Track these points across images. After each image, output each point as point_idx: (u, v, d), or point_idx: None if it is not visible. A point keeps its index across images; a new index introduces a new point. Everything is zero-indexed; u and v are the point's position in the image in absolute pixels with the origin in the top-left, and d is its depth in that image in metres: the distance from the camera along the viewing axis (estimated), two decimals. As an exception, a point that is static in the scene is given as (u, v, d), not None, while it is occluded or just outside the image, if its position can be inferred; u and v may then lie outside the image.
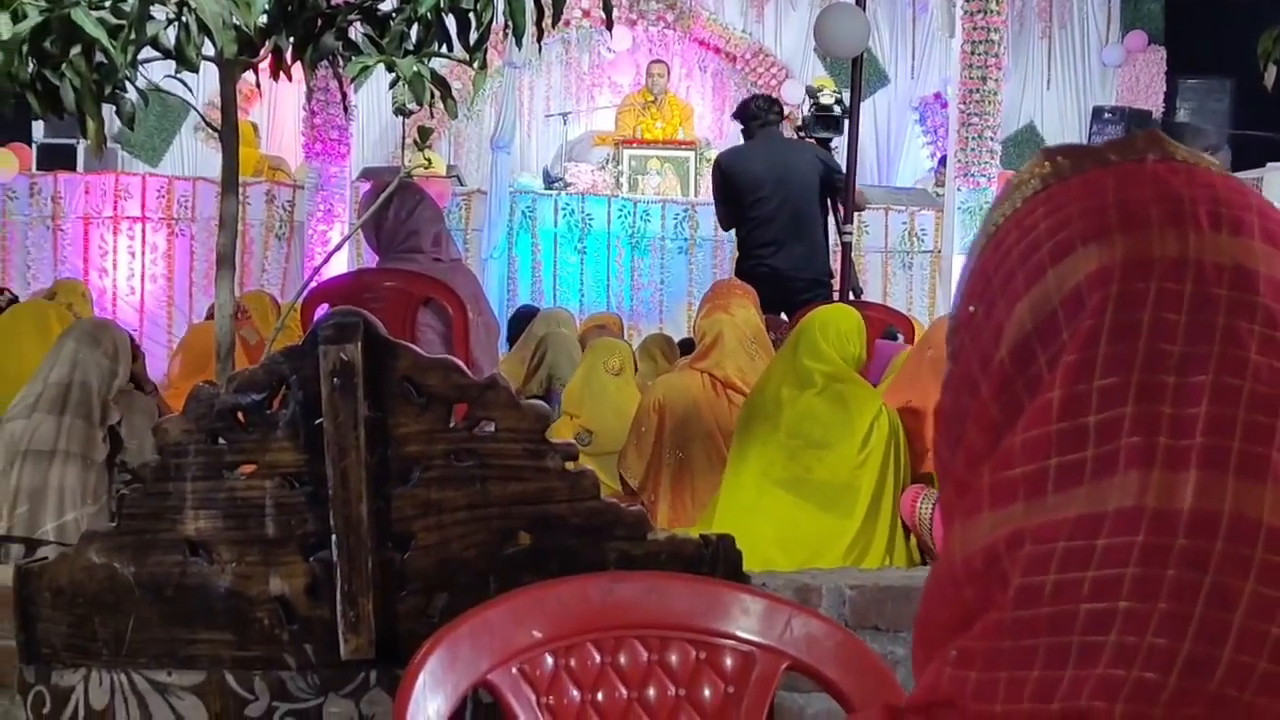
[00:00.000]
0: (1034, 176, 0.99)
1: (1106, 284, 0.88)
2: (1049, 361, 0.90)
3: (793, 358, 4.99)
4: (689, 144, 13.55)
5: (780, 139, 8.55)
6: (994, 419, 0.93)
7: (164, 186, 12.06)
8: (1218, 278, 0.88)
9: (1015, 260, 0.94)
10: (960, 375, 0.97)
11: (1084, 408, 0.87)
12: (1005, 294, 0.94)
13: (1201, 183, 0.93)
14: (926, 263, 12.69)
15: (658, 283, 12.41)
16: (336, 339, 2.26)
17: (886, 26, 15.98)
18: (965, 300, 0.99)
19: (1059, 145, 1.01)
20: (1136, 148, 0.96)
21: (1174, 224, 0.90)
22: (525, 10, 3.93)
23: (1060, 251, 0.91)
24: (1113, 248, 0.89)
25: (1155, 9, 16.36)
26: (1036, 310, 0.91)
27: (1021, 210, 0.97)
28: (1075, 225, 0.92)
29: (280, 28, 4.03)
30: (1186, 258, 0.88)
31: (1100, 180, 0.94)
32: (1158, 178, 0.93)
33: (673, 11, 15.65)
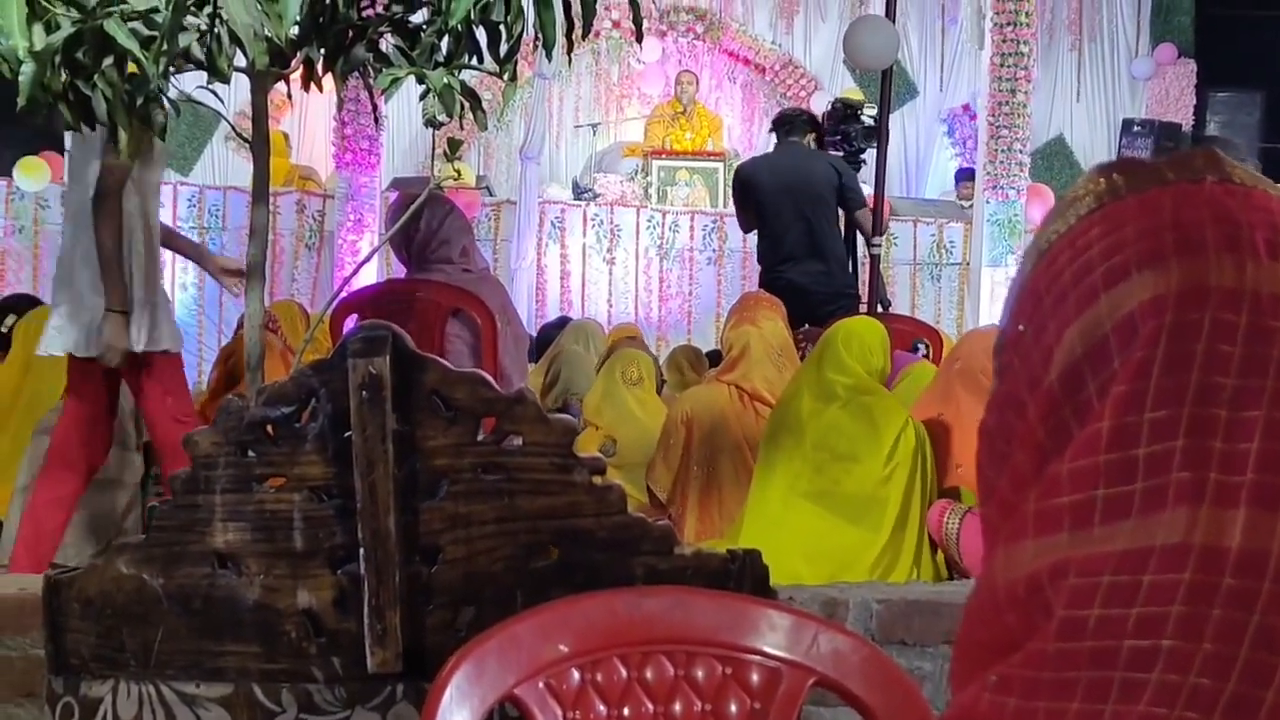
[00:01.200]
0: (1089, 194, 0.97)
1: (1160, 313, 0.87)
2: (1099, 389, 0.88)
3: (817, 371, 4.99)
4: (718, 155, 13.55)
5: (800, 151, 8.51)
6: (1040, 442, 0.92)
7: (195, 195, 12.11)
8: (1274, 309, 0.86)
9: (1068, 281, 0.92)
10: (1006, 394, 0.96)
11: (1134, 440, 0.85)
12: (1056, 316, 0.92)
13: (1259, 207, 0.91)
14: (955, 275, 12.67)
15: (686, 294, 12.42)
16: (365, 352, 2.26)
17: (915, 38, 15.96)
18: (1014, 318, 0.97)
19: (1115, 161, 0.99)
20: (1194, 167, 0.95)
21: (1231, 251, 0.88)
22: (556, 23, 3.92)
23: (1114, 276, 0.90)
24: (1168, 275, 0.88)
25: (1185, 22, 16.31)
26: (1088, 335, 0.89)
27: (1076, 229, 0.95)
28: (1130, 249, 0.90)
29: (311, 39, 4.03)
30: (1243, 288, 0.87)
31: (1157, 201, 0.93)
32: (1214, 200, 0.91)
33: (702, 23, 15.66)
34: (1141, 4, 16.41)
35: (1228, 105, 15.96)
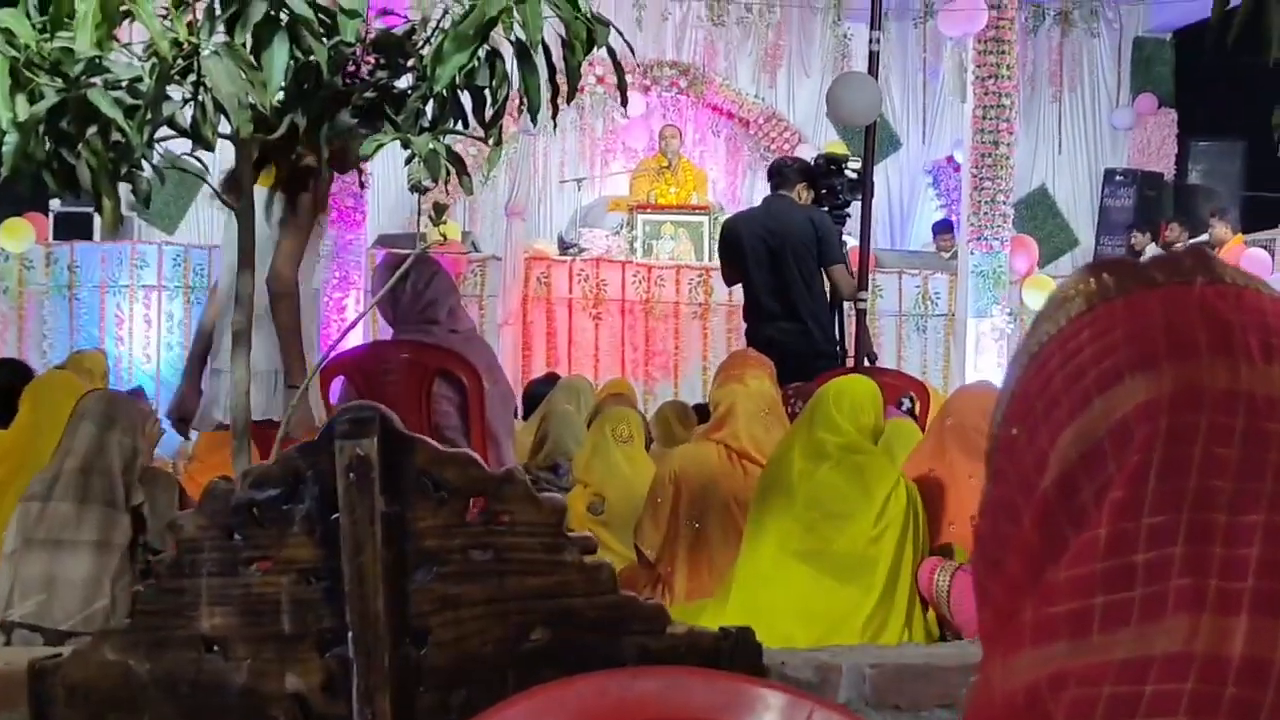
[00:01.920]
0: (1078, 294, 0.96)
1: (1155, 417, 0.86)
2: (1095, 495, 0.87)
3: (808, 430, 4.98)
4: (703, 209, 13.58)
5: (783, 205, 8.52)
6: (1036, 549, 0.90)
7: (180, 255, 12.11)
8: (1270, 412, 0.85)
9: (1059, 386, 0.91)
10: (1000, 499, 0.95)
11: (1132, 546, 0.84)
12: (1049, 420, 0.91)
13: (1251, 309, 0.90)
14: (941, 326, 12.69)
15: (672, 348, 12.42)
16: (352, 434, 2.25)
17: (898, 90, 16.05)
18: (1006, 422, 0.96)
19: (1104, 260, 0.99)
20: (1184, 268, 0.94)
21: (1224, 354, 0.87)
22: (540, 87, 3.93)
23: (1107, 380, 0.89)
24: (1161, 379, 0.87)
25: (1165, 72, 16.42)
26: (1082, 441, 0.88)
27: (1066, 331, 0.94)
28: (1122, 352, 0.89)
29: (296, 106, 4.04)
30: (1238, 390, 0.86)
31: (1147, 303, 0.92)
32: (1206, 303, 0.90)
33: (686, 77, 15.73)
34: (1121, 55, 16.53)
35: (1209, 154, 16.05)
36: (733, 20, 15.97)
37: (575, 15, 3.89)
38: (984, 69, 12.42)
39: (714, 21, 15.91)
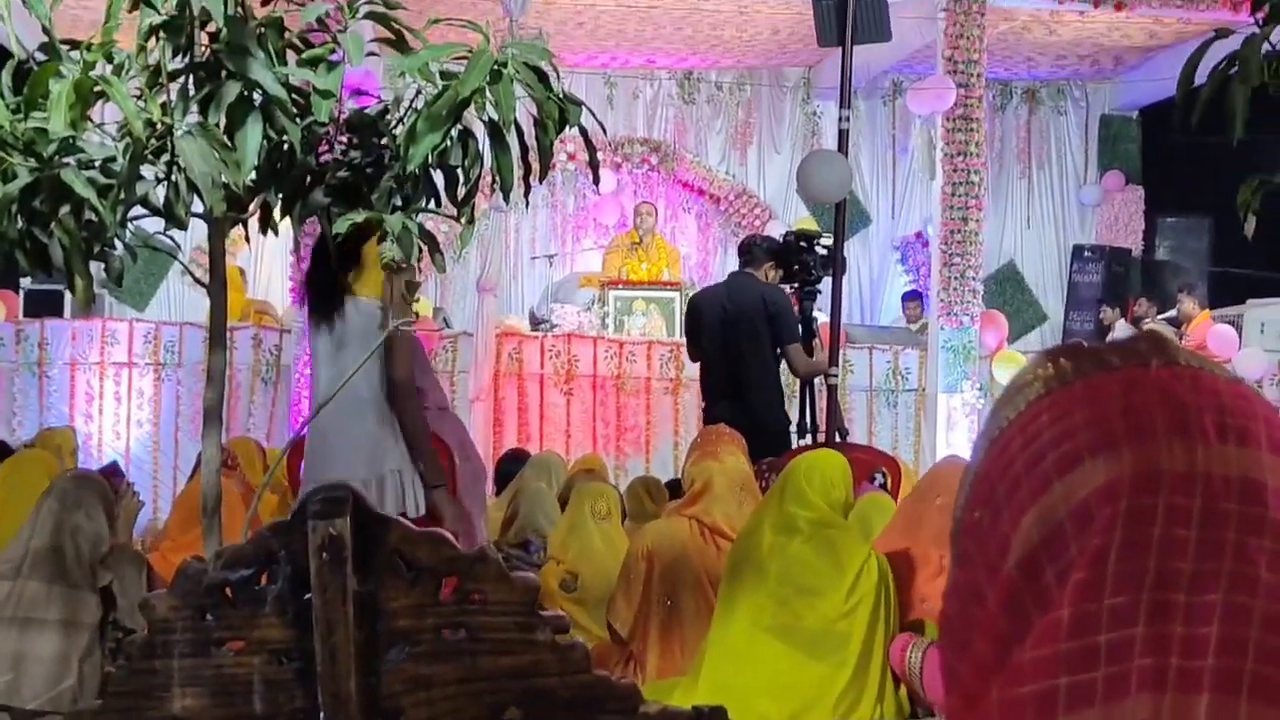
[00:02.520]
0: (1036, 379, 0.98)
1: (1115, 499, 0.87)
2: (1058, 576, 0.88)
3: (779, 505, 4.98)
4: (674, 285, 13.62)
5: (740, 282, 8.60)
6: (1002, 631, 0.92)
7: (151, 332, 12.08)
8: (1226, 491, 0.87)
9: (1020, 469, 0.93)
10: (965, 583, 0.96)
11: (1095, 627, 0.86)
12: (1011, 503, 0.93)
13: (1207, 390, 0.92)
14: (911, 401, 12.72)
15: (644, 423, 12.41)
16: (325, 514, 2.25)
17: (867, 166, 16.16)
18: (969, 505, 0.98)
19: (1061, 346, 1.01)
20: (1139, 352, 0.96)
21: (1181, 435, 0.89)
22: (513, 166, 3.96)
23: (1066, 463, 0.90)
24: (1120, 461, 0.88)
25: (1132, 149, 16.57)
26: (1044, 523, 0.90)
27: (1025, 415, 0.96)
28: (1081, 436, 0.91)
29: (269, 184, 4.05)
30: (1195, 471, 0.87)
31: (1104, 387, 0.93)
32: (1162, 385, 0.92)
33: (657, 154, 15.81)
34: (1089, 132, 16.67)
35: (1176, 230, 16.18)
36: (703, 98, 16.08)
37: (548, 95, 3.93)
38: (953, 146, 12.53)
39: (685, 99, 16.02)
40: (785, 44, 14.81)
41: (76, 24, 10.68)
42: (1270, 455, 0.89)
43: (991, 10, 12.72)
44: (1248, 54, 4.09)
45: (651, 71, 15.89)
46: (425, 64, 3.93)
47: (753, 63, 15.80)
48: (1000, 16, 13.16)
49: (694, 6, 13.28)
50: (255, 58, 3.76)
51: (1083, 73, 16.17)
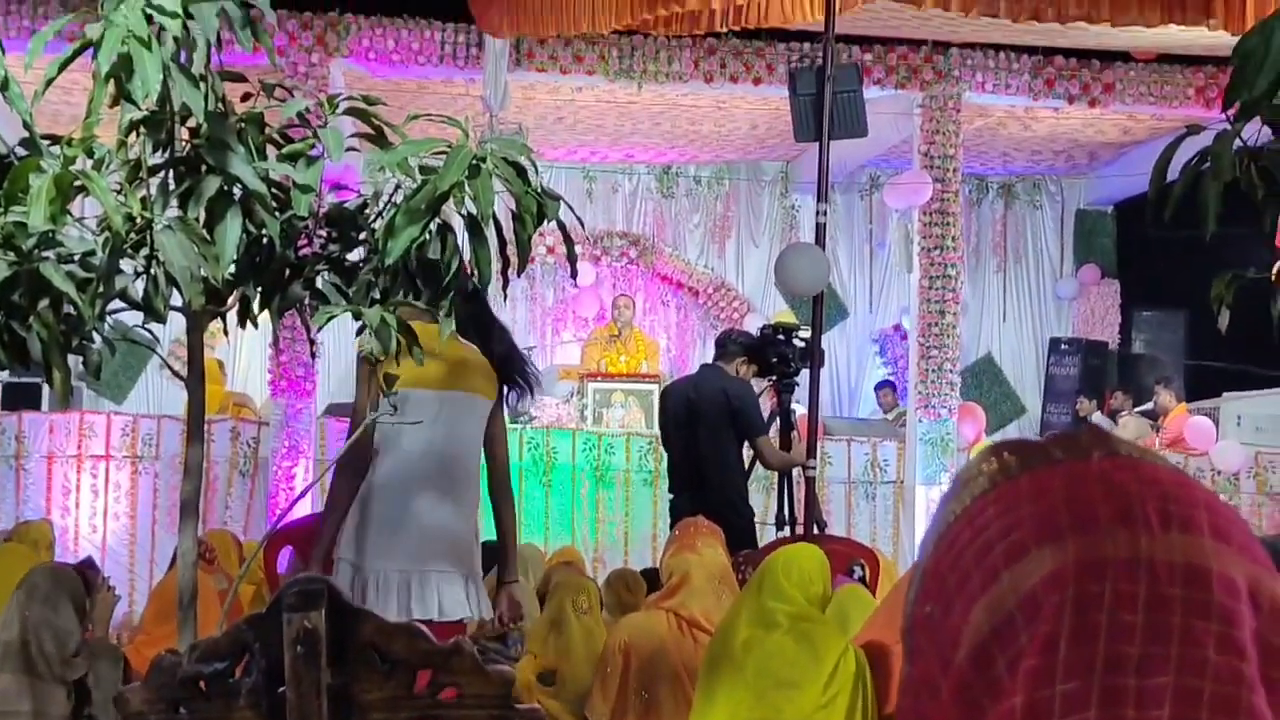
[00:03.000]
0: (982, 474, 0.99)
1: (1062, 587, 0.89)
2: (1009, 665, 0.90)
3: (756, 597, 4.97)
4: (653, 377, 13.64)
5: (709, 374, 8.66)
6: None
7: (129, 425, 12.05)
8: (1170, 577, 0.88)
9: (969, 562, 0.94)
10: (919, 677, 0.97)
11: (1047, 714, 0.87)
12: (961, 596, 0.94)
13: (1149, 479, 0.94)
14: (890, 493, 12.72)
15: (622, 516, 12.39)
16: (300, 606, 2.25)
17: (845, 260, 16.24)
18: (920, 600, 0.99)
19: (1005, 441, 1.03)
20: (1082, 445, 0.98)
21: (1125, 524, 0.91)
22: (491, 260, 3.99)
23: (1014, 554, 0.92)
24: (1065, 550, 0.90)
25: (1107, 244, 16.69)
26: (993, 613, 0.91)
27: (972, 509, 0.97)
28: (1027, 527, 0.93)
29: (248, 278, 4.08)
30: (1139, 557, 0.89)
31: (1048, 479, 0.95)
32: (1105, 476, 0.94)
33: (636, 248, 15.89)
34: (1064, 227, 16.79)
35: (1152, 324, 16.27)
36: (682, 192, 16.17)
37: (526, 190, 3.96)
38: (930, 240, 12.61)
39: (663, 193, 16.11)
40: (763, 139, 14.92)
41: (57, 119, 10.75)
42: (1213, 541, 0.91)
43: (967, 106, 12.84)
44: (1219, 150, 4.14)
45: (630, 165, 15.99)
46: (405, 159, 3.96)
47: (731, 157, 15.90)
48: (976, 112, 13.28)
49: (672, 102, 13.39)
50: (235, 152, 3.79)
51: (1058, 168, 16.31)
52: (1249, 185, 4.24)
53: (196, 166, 3.86)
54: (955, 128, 12.70)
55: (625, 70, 12.25)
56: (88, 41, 3.69)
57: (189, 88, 3.68)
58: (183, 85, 3.68)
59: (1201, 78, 12.82)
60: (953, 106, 12.67)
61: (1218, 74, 12.42)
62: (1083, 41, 11.80)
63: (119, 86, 3.67)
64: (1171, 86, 12.86)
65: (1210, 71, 12.68)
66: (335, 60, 12.07)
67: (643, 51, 12.23)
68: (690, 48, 12.27)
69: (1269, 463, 12.73)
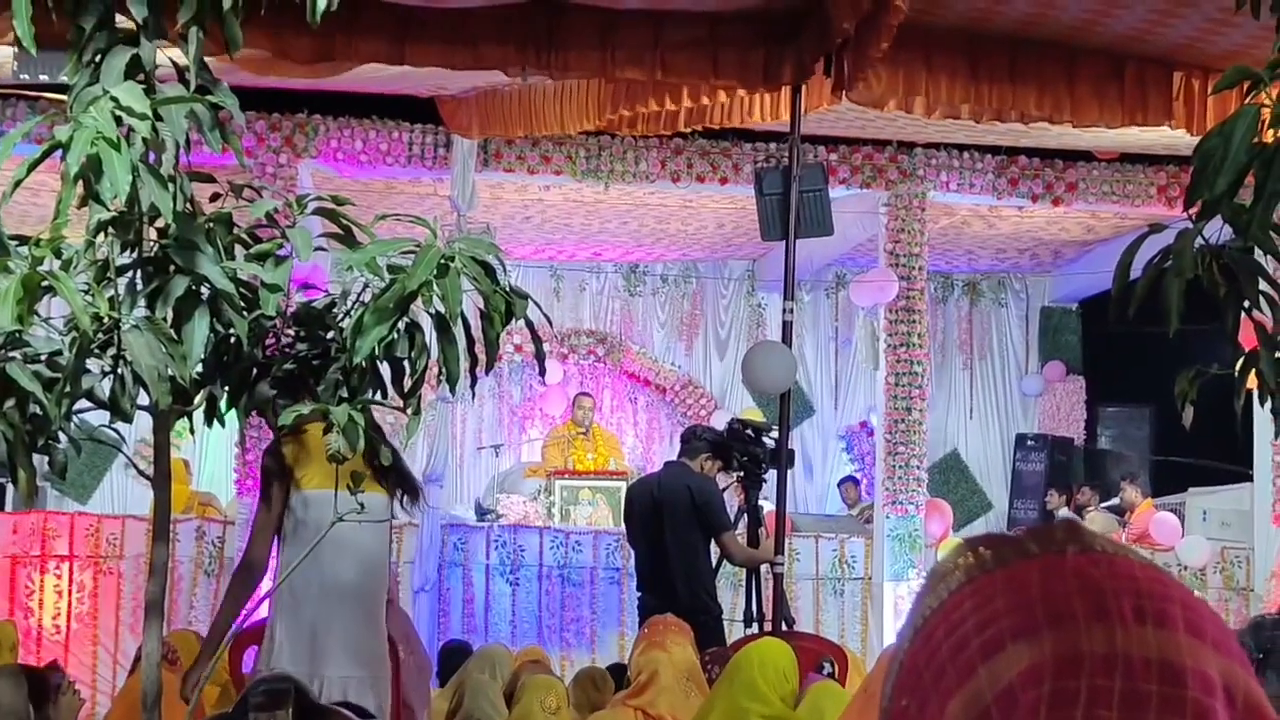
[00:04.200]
0: (957, 569, 0.99)
1: (1039, 683, 0.89)
2: None
3: (729, 698, 4.95)
4: (620, 474, 13.63)
5: (674, 471, 8.68)
6: None
7: (92, 525, 11.97)
8: (1146, 673, 0.89)
9: (945, 656, 0.94)
10: None
11: None
12: (937, 690, 0.94)
13: (1123, 575, 0.94)
14: (858, 590, 12.70)
15: (590, 613, 12.34)
16: (267, 706, 2.24)
17: (811, 357, 16.28)
18: (896, 695, 0.99)
19: (980, 536, 1.03)
20: (1056, 539, 0.98)
21: (1100, 619, 0.91)
22: (459, 358, 4.00)
23: (990, 649, 0.92)
24: (1041, 645, 0.90)
25: (1072, 340, 16.78)
26: (970, 708, 0.91)
27: (948, 604, 0.97)
28: (1003, 622, 0.93)
29: (215, 377, 4.08)
30: (1114, 653, 0.89)
31: (1024, 574, 0.95)
32: (1080, 572, 0.94)
33: (603, 345, 15.93)
34: (1029, 324, 16.90)
35: (1117, 419, 16.35)
36: (649, 290, 16.23)
37: (494, 289, 3.98)
38: (895, 337, 12.67)
39: (630, 292, 16.17)
40: (730, 237, 15.01)
41: (25, 219, 10.76)
42: (1187, 637, 0.91)
43: (932, 205, 12.95)
44: (1181, 248, 4.18)
45: (598, 264, 16.06)
46: (373, 258, 3.98)
47: (698, 255, 15.99)
48: (940, 211, 13.39)
49: (639, 201, 13.48)
50: (204, 252, 3.80)
51: (1022, 265, 16.43)
52: (1211, 283, 4.28)
53: (165, 266, 3.87)
54: (920, 226, 12.79)
55: (592, 170, 12.33)
56: (56, 143, 3.70)
57: (158, 188, 3.69)
58: (151, 186, 3.69)
59: (1164, 177, 12.96)
60: (918, 205, 12.77)
61: (1179, 173, 12.56)
62: (1045, 141, 11.93)
63: (87, 187, 3.68)
64: (1134, 185, 13.00)
65: (1172, 170, 12.82)
66: (303, 161, 12.12)
67: (610, 151, 12.31)
68: (657, 148, 12.36)
69: (1235, 557, 12.76)
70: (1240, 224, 4.21)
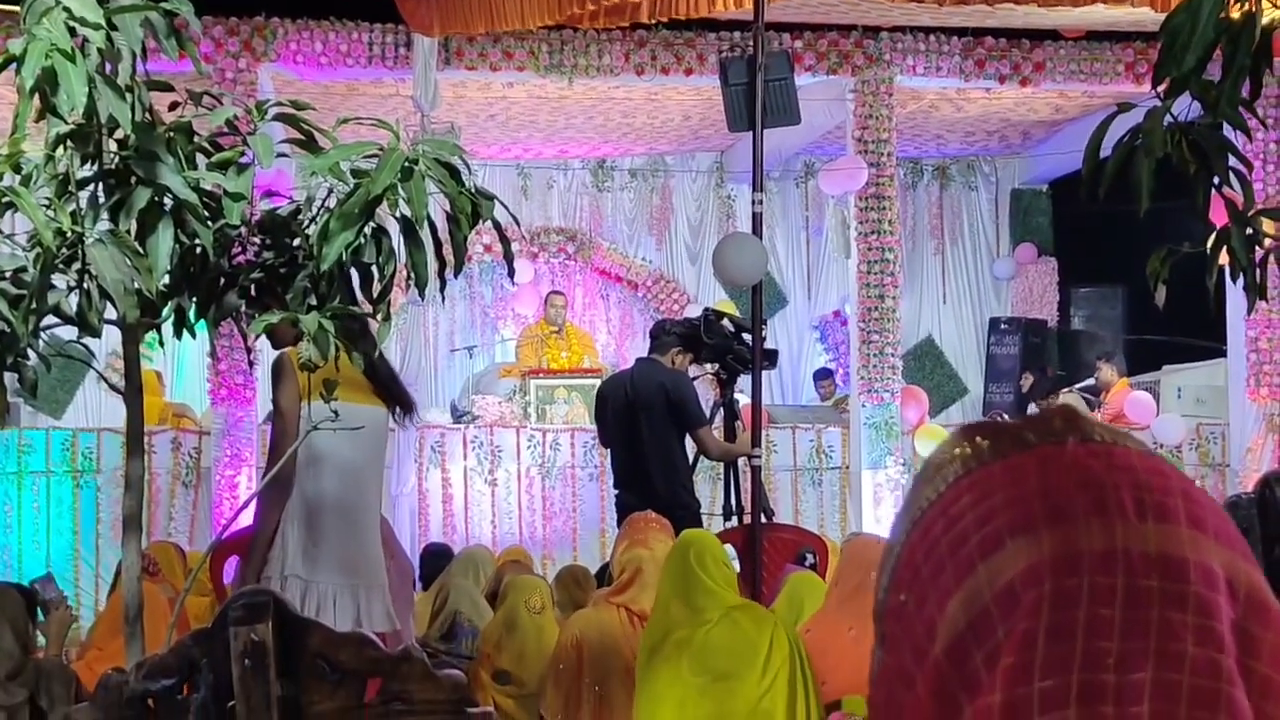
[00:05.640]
0: (955, 459, 0.97)
1: (1038, 583, 0.87)
2: (986, 660, 0.88)
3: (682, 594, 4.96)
4: (595, 372, 13.61)
5: (645, 368, 8.65)
6: (932, 716, 0.91)
7: (68, 440, 11.95)
8: (1146, 569, 0.87)
9: (944, 552, 0.92)
10: (893, 667, 0.95)
11: (1026, 711, 0.85)
12: (935, 586, 0.92)
13: (1122, 467, 0.92)
14: (836, 479, 12.76)
15: (570, 511, 12.38)
16: (246, 620, 2.22)
17: (782, 248, 16.24)
18: (894, 588, 0.97)
19: (977, 423, 1.00)
20: (1054, 429, 0.96)
21: (1099, 514, 0.89)
22: (427, 263, 3.96)
23: (989, 546, 0.90)
24: (1040, 543, 0.88)
25: (1043, 222, 16.77)
26: (970, 607, 0.89)
27: (946, 496, 0.95)
28: (1002, 517, 0.91)
29: (182, 289, 4.03)
30: (1114, 549, 0.87)
31: (1022, 466, 0.93)
32: (1078, 464, 0.92)
33: (573, 243, 15.87)
34: (999, 207, 16.87)
35: (1090, 300, 16.37)
36: (617, 186, 16.16)
37: (460, 191, 3.94)
38: (866, 225, 12.64)
39: (598, 188, 16.09)
40: (697, 129, 14.92)
41: (-16, 133, 10.63)
42: (1189, 530, 0.89)
43: (899, 90, 12.87)
44: (1150, 127, 4.16)
45: (565, 161, 15.97)
46: (336, 163, 3.93)
47: (665, 149, 15.91)
48: (908, 96, 13.32)
49: (604, 95, 13.37)
50: (165, 163, 3.75)
51: (992, 148, 16.37)
52: (1181, 160, 4.27)
53: (126, 178, 3.81)
54: (888, 112, 12.73)
55: (556, 65, 12.21)
56: (10, 56, 3.64)
57: (115, 99, 3.64)
58: (109, 97, 3.63)
59: (1131, 53, 12.88)
60: (885, 91, 12.70)
61: (1147, 49, 12.49)
62: (1011, 21, 11.84)
63: (44, 100, 3.63)
64: (1101, 64, 12.93)
65: (1140, 47, 12.74)
66: (263, 65, 11.98)
67: (573, 46, 12.19)
68: (620, 40, 12.24)
69: (1210, 434, 12.85)
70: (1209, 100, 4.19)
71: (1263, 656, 0.88)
